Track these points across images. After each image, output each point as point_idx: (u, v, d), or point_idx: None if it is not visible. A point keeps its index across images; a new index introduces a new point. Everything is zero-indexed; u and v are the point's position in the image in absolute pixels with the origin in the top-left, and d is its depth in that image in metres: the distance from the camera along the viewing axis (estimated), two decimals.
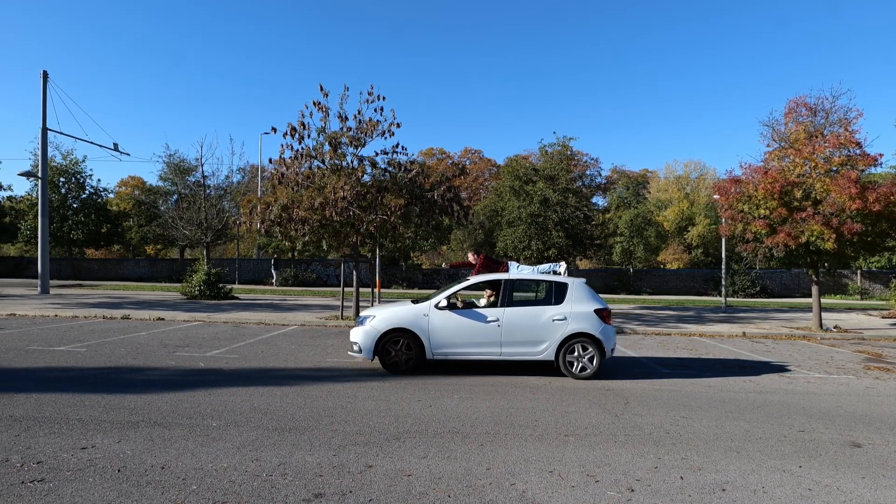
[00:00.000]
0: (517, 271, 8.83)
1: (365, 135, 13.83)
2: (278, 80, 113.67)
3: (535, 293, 8.78)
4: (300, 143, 13.83)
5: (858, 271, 33.55)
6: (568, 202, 21.34)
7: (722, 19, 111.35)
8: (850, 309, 23.85)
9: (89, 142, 24.06)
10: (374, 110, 13.80)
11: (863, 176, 13.80)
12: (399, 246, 16.38)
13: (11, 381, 6.75)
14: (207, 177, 24.87)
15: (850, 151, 13.92)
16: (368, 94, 13.77)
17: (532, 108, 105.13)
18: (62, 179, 35.32)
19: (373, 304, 15.53)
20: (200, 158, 24.54)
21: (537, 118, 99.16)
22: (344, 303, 16.05)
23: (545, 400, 6.58)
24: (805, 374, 8.82)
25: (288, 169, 13.82)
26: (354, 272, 14.81)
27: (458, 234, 35.91)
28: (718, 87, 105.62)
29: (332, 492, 3.63)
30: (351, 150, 13.88)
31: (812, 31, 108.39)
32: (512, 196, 24.20)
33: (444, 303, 8.05)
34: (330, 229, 13.66)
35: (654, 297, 31.16)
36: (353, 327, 8.41)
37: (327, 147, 13.72)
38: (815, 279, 15.23)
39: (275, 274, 33.02)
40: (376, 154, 14.13)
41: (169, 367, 8.00)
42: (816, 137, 14.24)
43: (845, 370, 9.34)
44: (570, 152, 22.72)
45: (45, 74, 21.61)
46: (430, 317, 7.97)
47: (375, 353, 7.92)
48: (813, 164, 13.94)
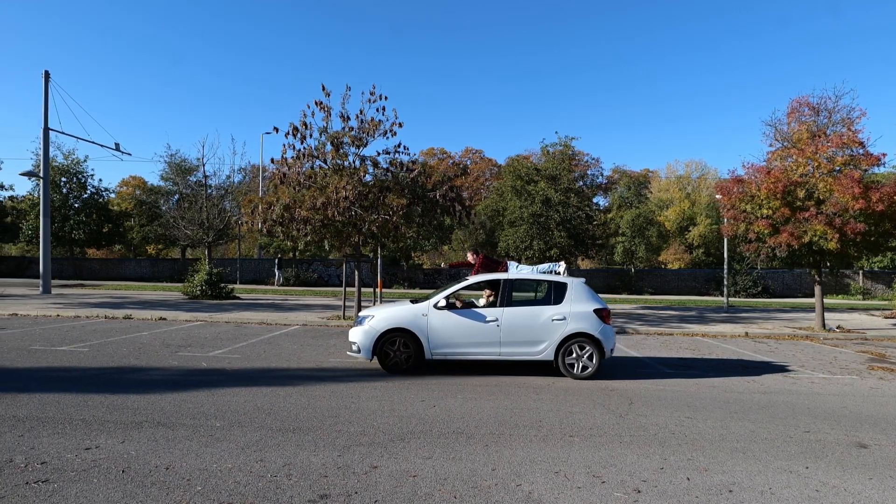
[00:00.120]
0: (516, 271, 8.80)
1: (367, 134, 13.80)
2: (278, 80, 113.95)
3: (534, 293, 8.75)
4: (302, 142, 13.81)
5: (860, 271, 33.50)
6: (570, 202, 21.31)
7: (722, 19, 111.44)
8: (852, 309, 23.81)
9: (91, 142, 24.16)
10: (377, 110, 13.78)
11: (866, 176, 13.75)
12: (401, 246, 16.34)
13: (14, 380, 6.75)
14: (209, 176, 24.91)
15: (853, 151, 13.88)
16: (370, 93, 13.75)
17: (532, 108, 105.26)
18: (64, 179, 35.35)
19: (374, 303, 15.51)
20: (202, 158, 24.56)
21: (537, 118, 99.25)
22: (346, 303, 16.04)
23: (549, 400, 6.56)
24: (809, 375, 8.79)
25: (290, 169, 13.81)
26: (356, 272, 14.80)
27: (459, 234, 35.89)
28: (718, 86, 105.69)
29: (337, 493, 3.61)
30: (353, 149, 13.87)
31: (812, 31, 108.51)
32: (514, 196, 24.18)
33: (443, 303, 8.02)
34: (332, 229, 13.64)
35: (656, 297, 31.13)
36: (351, 327, 8.40)
37: (329, 147, 13.70)
38: (818, 279, 15.19)
39: (278, 273, 33.07)
40: (378, 154, 14.11)
41: (171, 367, 7.99)
42: (819, 137, 14.20)
43: (849, 370, 9.31)
44: (572, 152, 22.69)
45: (47, 74, 21.63)
46: (428, 317, 7.94)
47: (374, 353, 7.90)
48: (816, 164, 13.91)
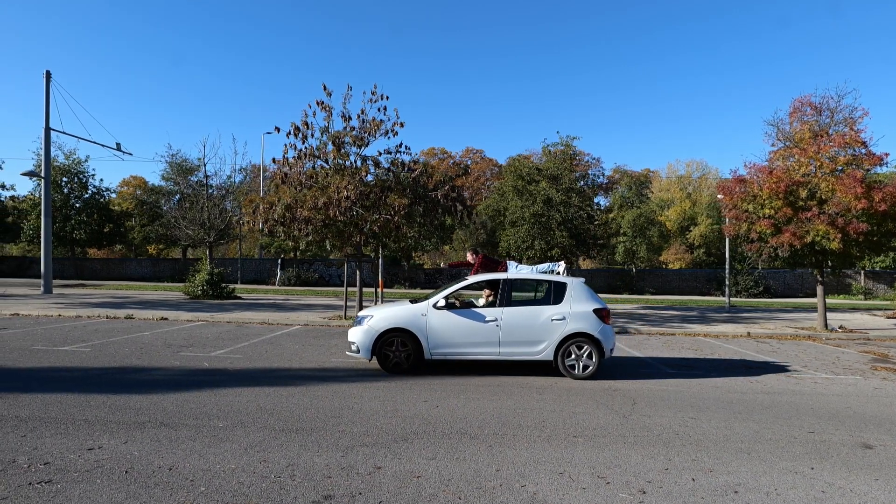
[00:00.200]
0: (516, 271, 8.78)
1: (368, 134, 13.80)
2: (278, 81, 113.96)
3: (533, 293, 8.71)
4: (304, 142, 13.82)
5: (862, 271, 33.47)
6: (571, 202, 21.28)
7: (722, 19, 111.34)
8: (854, 309, 23.77)
9: (92, 141, 24.14)
10: (378, 110, 13.79)
11: (868, 175, 13.74)
12: (402, 246, 16.32)
13: (16, 381, 6.74)
14: (210, 176, 24.90)
15: (855, 151, 13.86)
16: (372, 93, 13.75)
17: (532, 108, 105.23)
18: (65, 179, 35.37)
19: (376, 303, 15.51)
20: (203, 158, 24.55)
21: (538, 118, 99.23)
22: (347, 302, 16.03)
23: (552, 400, 6.54)
24: (812, 375, 8.77)
25: (291, 168, 13.80)
26: (358, 272, 14.80)
27: (460, 234, 35.87)
28: (718, 86, 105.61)
29: (341, 493, 3.59)
30: (354, 149, 13.87)
31: (812, 31, 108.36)
32: (515, 196, 24.15)
33: (442, 302, 7.99)
34: (333, 229, 13.63)
35: (657, 296, 31.10)
36: (350, 327, 8.38)
37: (331, 146, 13.71)
38: (820, 279, 15.17)
39: (281, 273, 33.13)
40: (380, 154, 14.11)
41: (173, 367, 7.98)
42: (822, 137, 14.18)
43: (852, 371, 9.28)
44: (573, 151, 22.66)
45: (48, 74, 21.64)
46: (428, 316, 7.92)
47: (373, 353, 7.87)
48: (818, 164, 13.89)
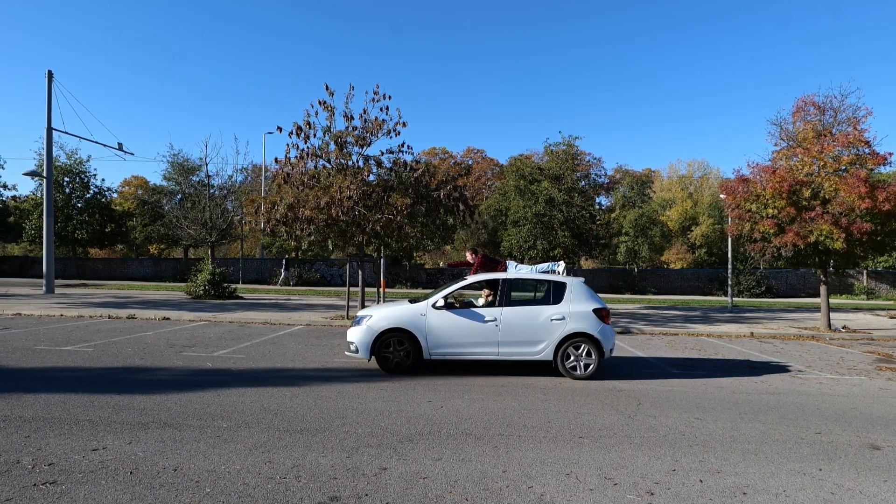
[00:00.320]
0: (515, 271, 8.76)
1: (370, 134, 13.78)
2: (279, 80, 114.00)
3: (533, 293, 8.66)
4: (306, 142, 13.81)
5: (864, 271, 33.39)
6: (573, 201, 21.24)
7: (722, 19, 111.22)
8: (856, 309, 23.72)
9: (94, 141, 24.13)
10: (380, 109, 13.76)
11: (872, 175, 13.69)
12: (404, 245, 16.30)
13: (19, 381, 6.72)
14: (212, 176, 24.90)
15: (858, 150, 13.81)
16: (374, 93, 13.72)
17: (533, 108, 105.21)
18: (66, 179, 35.38)
19: (378, 303, 15.49)
20: (205, 158, 24.60)
21: (538, 118, 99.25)
22: (349, 302, 16.01)
23: (556, 401, 6.51)
24: (817, 375, 8.73)
25: (294, 168, 13.78)
26: (360, 271, 14.78)
27: (461, 233, 35.84)
28: (718, 86, 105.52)
29: (347, 495, 3.57)
30: (356, 149, 13.84)
31: (812, 31, 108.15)
32: (517, 195, 24.11)
33: (441, 302, 7.96)
34: (336, 229, 13.61)
35: (659, 296, 31.05)
36: (349, 327, 8.35)
37: (333, 146, 13.69)
38: (824, 279, 15.12)
39: (285, 273, 33.10)
40: (382, 153, 14.09)
41: (177, 367, 7.96)
42: (825, 136, 14.14)
43: (857, 371, 9.25)
44: (575, 151, 22.63)
45: (50, 74, 21.63)
46: (427, 316, 7.89)
47: (372, 353, 7.84)
48: (821, 163, 13.84)
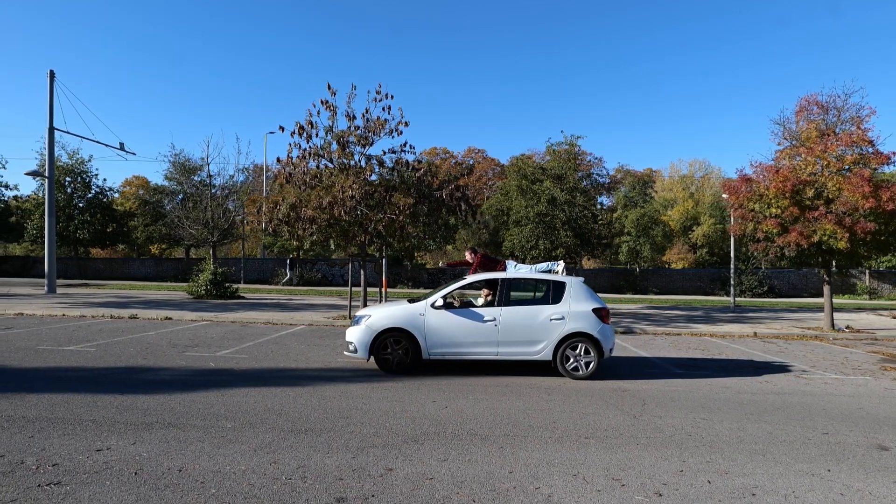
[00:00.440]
0: (514, 270, 8.73)
1: (373, 133, 13.75)
2: (279, 80, 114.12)
3: (532, 292, 8.61)
4: (308, 141, 13.78)
5: (867, 271, 33.32)
6: (576, 201, 21.20)
7: (722, 19, 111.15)
8: (859, 309, 23.66)
9: (95, 141, 24.06)
10: (382, 109, 13.73)
11: (875, 174, 13.64)
12: (406, 245, 16.29)
13: (23, 380, 6.70)
14: (213, 176, 24.89)
15: (862, 150, 13.75)
16: (377, 92, 13.70)
17: (533, 107, 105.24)
18: (68, 179, 35.40)
19: (381, 303, 15.47)
20: (206, 158, 24.61)
21: (538, 118, 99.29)
22: (351, 302, 15.98)
23: (561, 401, 6.48)
24: (822, 375, 8.70)
25: (296, 168, 13.76)
26: (362, 271, 14.75)
27: (462, 233, 35.80)
28: (719, 86, 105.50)
29: (354, 496, 3.55)
30: (359, 148, 13.82)
31: (812, 31, 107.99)
32: (519, 195, 24.07)
33: (440, 302, 7.93)
34: (338, 228, 13.59)
35: (661, 296, 31.00)
36: (348, 327, 8.31)
37: (335, 146, 13.67)
38: (827, 279, 15.08)
39: (290, 273, 33.03)
40: (384, 153, 14.07)
41: (179, 367, 7.94)
42: (828, 136, 14.08)
43: (862, 371, 9.21)
44: (578, 150, 22.58)
45: (52, 74, 21.63)
46: (426, 316, 7.86)
47: (371, 353, 7.81)
48: (825, 163, 13.79)
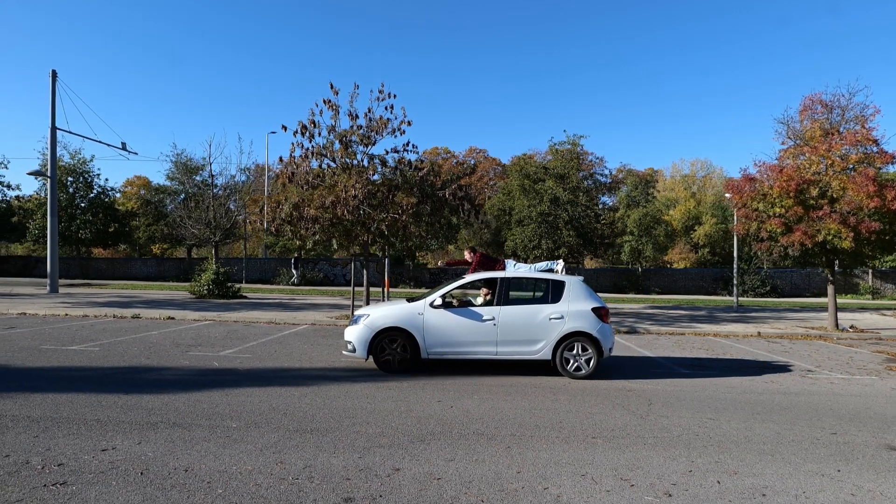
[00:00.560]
0: (514, 269, 8.69)
1: (375, 133, 13.71)
2: (279, 80, 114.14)
3: (531, 291, 8.56)
4: (311, 141, 13.73)
5: (870, 271, 33.21)
6: (578, 201, 21.16)
7: (722, 19, 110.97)
8: (863, 308, 23.59)
9: (97, 141, 23.98)
10: (385, 108, 13.70)
11: (880, 174, 13.59)
12: (409, 245, 16.27)
13: (26, 380, 6.69)
14: (215, 175, 24.87)
15: (866, 149, 13.70)
16: (379, 91, 13.66)
17: (534, 107, 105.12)
18: (70, 179, 35.37)
19: (382, 302, 15.46)
20: (209, 157, 24.54)
21: (539, 118, 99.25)
22: (354, 302, 15.95)
23: (566, 401, 6.46)
24: (827, 375, 8.66)
25: (298, 167, 13.73)
26: (365, 271, 14.73)
27: (464, 233, 35.77)
28: (719, 86, 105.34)
29: (361, 496, 3.52)
30: (361, 148, 13.78)
31: (812, 31, 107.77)
32: (521, 195, 24.02)
33: (439, 301, 7.90)
34: (341, 228, 13.55)
35: (664, 296, 30.95)
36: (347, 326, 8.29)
37: (338, 145, 13.64)
38: (831, 278, 15.03)
39: (295, 273, 32.93)
40: (386, 152, 14.02)
41: (183, 366, 7.92)
42: (833, 135, 14.04)
43: (867, 371, 9.17)
44: (580, 149, 22.54)
45: (54, 74, 21.62)
46: (424, 315, 7.84)
47: (370, 353, 7.78)
48: (829, 162, 13.74)
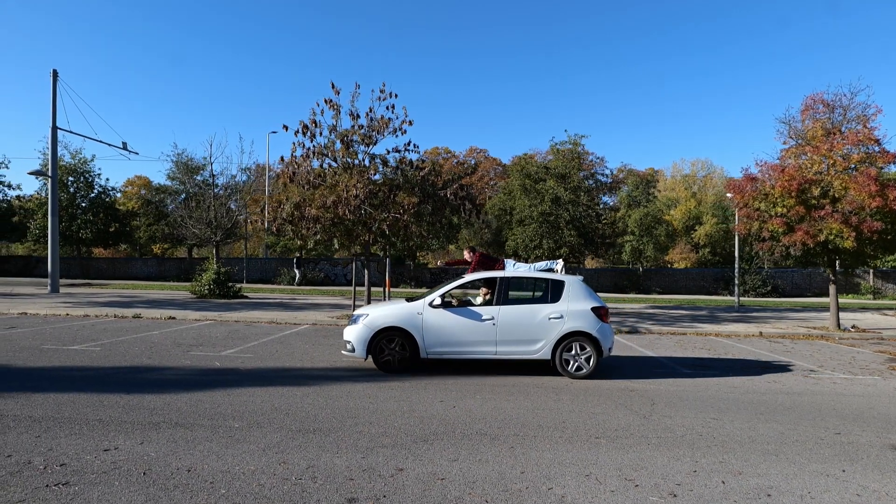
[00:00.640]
0: (513, 269, 8.67)
1: (377, 132, 13.71)
2: (279, 80, 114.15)
3: (531, 291, 8.53)
4: (312, 140, 13.73)
5: (871, 270, 33.16)
6: (579, 200, 21.14)
7: (722, 20, 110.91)
8: (864, 308, 23.55)
9: (98, 140, 23.95)
10: (386, 108, 13.69)
11: (882, 173, 13.56)
12: (410, 245, 16.25)
13: (28, 380, 6.68)
14: (216, 175, 24.86)
15: (868, 148, 13.67)
16: (381, 91, 13.65)
17: (534, 107, 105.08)
18: (71, 178, 35.35)
19: (381, 302, 15.45)
20: (209, 157, 24.52)
21: (539, 118, 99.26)
22: (355, 301, 15.94)
23: (569, 401, 6.44)
24: (830, 375, 8.64)
25: (299, 167, 13.72)
26: (366, 271, 14.71)
27: (465, 233, 35.75)
28: (720, 86, 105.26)
29: (365, 496, 3.51)
30: (362, 147, 13.78)
31: (812, 31, 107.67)
32: (522, 194, 23.99)
33: (438, 301, 7.88)
34: (342, 228, 13.54)
35: (665, 296, 30.92)
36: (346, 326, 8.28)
37: (339, 145, 13.64)
38: (833, 278, 15.00)
39: (298, 273, 32.86)
40: (388, 152, 14.02)
41: (185, 366, 7.91)
42: (834, 134, 14.01)
43: (870, 371, 9.15)
44: (581, 149, 22.51)
45: (55, 73, 21.60)
46: (424, 315, 7.82)
47: (369, 352, 7.77)
48: (831, 162, 13.72)
